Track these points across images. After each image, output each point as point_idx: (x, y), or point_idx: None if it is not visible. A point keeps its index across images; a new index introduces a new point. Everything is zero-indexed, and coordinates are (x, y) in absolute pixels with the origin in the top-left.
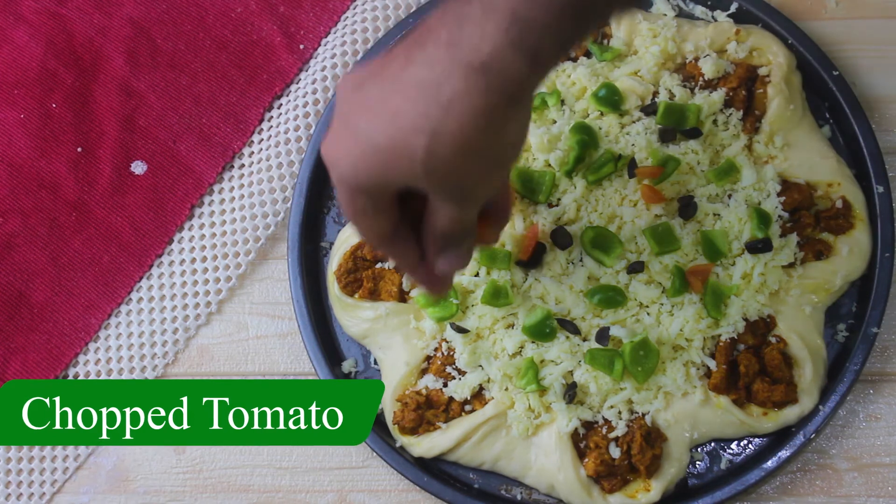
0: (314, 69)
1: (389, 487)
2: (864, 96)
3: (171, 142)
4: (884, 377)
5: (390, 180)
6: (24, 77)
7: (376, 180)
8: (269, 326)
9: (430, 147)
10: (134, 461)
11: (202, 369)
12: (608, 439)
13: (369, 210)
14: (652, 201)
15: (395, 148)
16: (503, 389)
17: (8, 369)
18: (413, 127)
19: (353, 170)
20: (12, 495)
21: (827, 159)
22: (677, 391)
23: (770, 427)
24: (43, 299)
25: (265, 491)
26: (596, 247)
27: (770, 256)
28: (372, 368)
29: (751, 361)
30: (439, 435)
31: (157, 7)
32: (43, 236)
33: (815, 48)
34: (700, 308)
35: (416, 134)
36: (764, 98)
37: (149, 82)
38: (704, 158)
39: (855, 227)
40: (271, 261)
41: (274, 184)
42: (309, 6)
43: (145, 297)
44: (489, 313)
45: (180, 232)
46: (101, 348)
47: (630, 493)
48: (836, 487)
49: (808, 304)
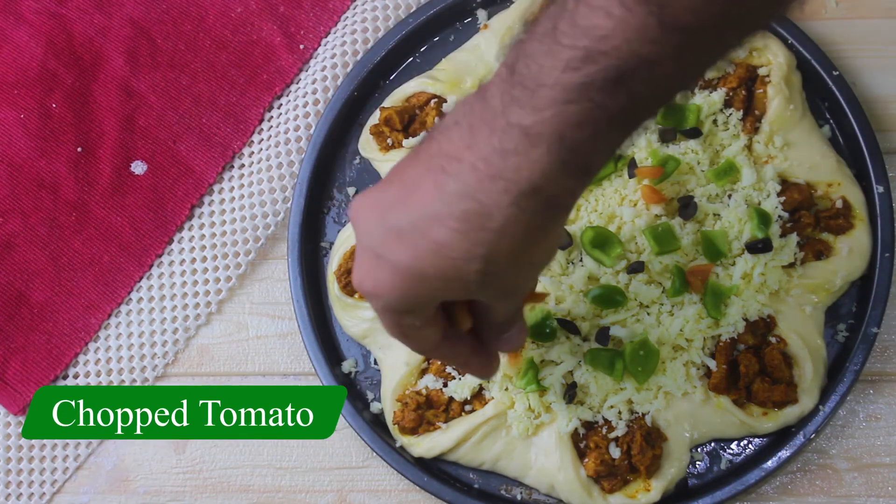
0: (314, 69)
1: (389, 487)
2: (864, 96)
3: (171, 142)
4: (884, 377)
5: (439, 299)
6: (24, 77)
7: (425, 302)
8: (269, 326)
9: (485, 270)
10: (134, 461)
11: (202, 369)
12: (608, 439)
13: (417, 325)
14: (652, 201)
15: (446, 276)
16: (503, 389)
17: (8, 369)
18: (464, 257)
19: (398, 298)
20: (12, 495)
21: (827, 159)
22: (677, 391)
23: (770, 427)
24: (43, 299)
25: (265, 491)
26: (596, 247)
27: (770, 256)
28: (372, 368)
29: (751, 361)
30: (439, 435)
31: (157, 7)
32: (43, 236)
33: (815, 48)
34: (700, 308)
35: (469, 262)
36: (764, 98)
37: (149, 82)
38: (704, 158)
39: (855, 227)
40: (271, 261)
41: (274, 184)
42: (309, 6)
43: (145, 297)
44: None
45: (180, 232)
46: (101, 348)
47: (630, 493)
48: (836, 487)
49: (808, 304)
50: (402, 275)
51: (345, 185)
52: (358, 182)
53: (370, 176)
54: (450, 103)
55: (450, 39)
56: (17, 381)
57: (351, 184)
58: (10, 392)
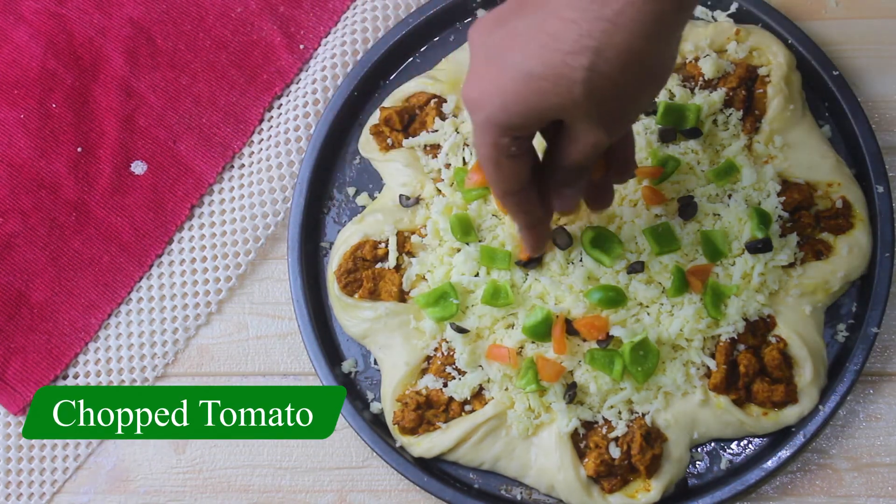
0: (314, 69)
1: (389, 487)
2: (864, 96)
3: (171, 142)
4: (884, 377)
5: (543, 112)
6: (24, 77)
7: (528, 114)
8: (269, 326)
9: (593, 65)
10: (134, 461)
11: (202, 369)
12: (608, 439)
13: (514, 153)
14: (653, 202)
15: (554, 73)
16: (503, 389)
17: (8, 369)
18: (574, 48)
19: (503, 106)
20: (12, 495)
21: (827, 159)
22: (677, 391)
23: (770, 427)
24: (43, 299)
25: (265, 491)
26: (596, 247)
27: (770, 256)
28: (372, 368)
29: (751, 361)
30: (439, 435)
31: (157, 7)
32: (43, 236)
33: (815, 48)
34: (700, 308)
35: (579, 54)
36: (764, 98)
37: (149, 82)
38: (704, 158)
39: (855, 227)
40: (271, 261)
41: (274, 184)
42: (309, 6)
43: (145, 297)
44: (489, 313)
45: (180, 232)
46: (101, 348)
47: (630, 493)
48: (836, 487)
49: (808, 304)
50: (512, 77)
51: (345, 185)
52: (358, 182)
53: (370, 176)
54: (450, 103)
55: (450, 39)
56: (17, 381)
57: (351, 184)
58: (10, 392)
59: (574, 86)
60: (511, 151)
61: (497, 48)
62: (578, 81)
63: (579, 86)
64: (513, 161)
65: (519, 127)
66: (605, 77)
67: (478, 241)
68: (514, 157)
